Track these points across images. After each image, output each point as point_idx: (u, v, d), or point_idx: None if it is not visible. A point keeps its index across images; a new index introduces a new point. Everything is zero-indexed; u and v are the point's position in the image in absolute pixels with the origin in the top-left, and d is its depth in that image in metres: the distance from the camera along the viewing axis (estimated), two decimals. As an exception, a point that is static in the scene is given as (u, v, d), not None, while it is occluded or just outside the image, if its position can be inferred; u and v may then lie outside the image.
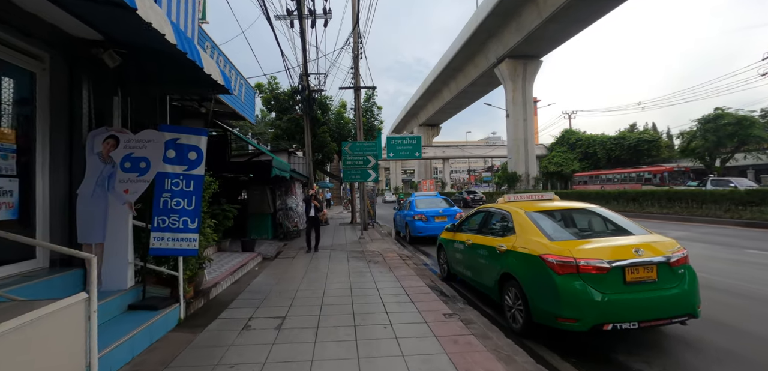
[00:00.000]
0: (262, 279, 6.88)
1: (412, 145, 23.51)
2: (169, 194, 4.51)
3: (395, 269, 7.55)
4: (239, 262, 7.64)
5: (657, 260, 3.82)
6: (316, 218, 10.15)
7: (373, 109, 19.55)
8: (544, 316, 4.01)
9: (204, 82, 4.58)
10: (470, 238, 5.91)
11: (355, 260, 8.62)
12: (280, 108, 18.00)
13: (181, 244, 4.53)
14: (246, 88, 8.36)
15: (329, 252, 9.88)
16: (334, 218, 22.62)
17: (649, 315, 3.71)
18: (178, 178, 4.57)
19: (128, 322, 3.89)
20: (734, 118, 27.14)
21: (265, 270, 7.69)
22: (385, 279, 6.72)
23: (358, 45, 15.64)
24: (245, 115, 8.57)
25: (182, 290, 4.58)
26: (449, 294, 5.77)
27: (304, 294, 5.84)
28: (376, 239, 12.32)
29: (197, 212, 4.61)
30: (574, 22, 30.29)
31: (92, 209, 4.26)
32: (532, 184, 38.72)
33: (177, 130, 4.60)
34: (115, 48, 4.42)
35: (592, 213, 4.95)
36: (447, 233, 7.11)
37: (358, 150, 13.04)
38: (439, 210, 12.02)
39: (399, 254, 9.52)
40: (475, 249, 5.65)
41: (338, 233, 14.50)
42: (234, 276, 6.79)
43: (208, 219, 5.52)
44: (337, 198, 40.36)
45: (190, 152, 4.65)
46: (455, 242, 6.55)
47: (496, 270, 4.90)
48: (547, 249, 4.07)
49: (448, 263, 6.97)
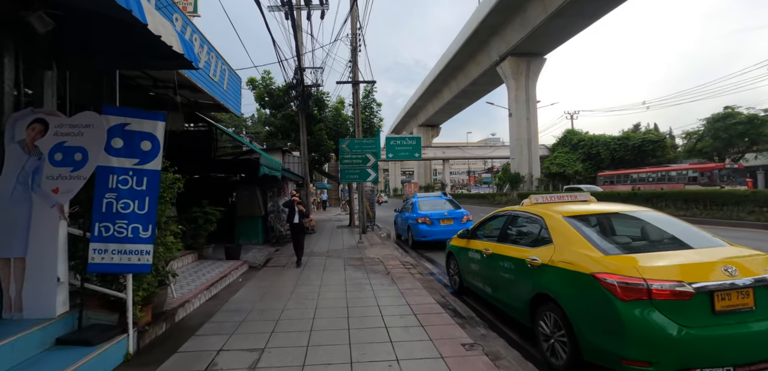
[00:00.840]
0: (243, 295, 5.89)
1: (412, 145, 22.55)
2: (114, 194, 3.54)
3: (398, 281, 6.59)
4: (220, 273, 6.66)
5: (754, 282, 2.86)
6: (301, 225, 8.38)
7: (373, 105, 18.58)
8: (599, 355, 3.05)
9: (162, 53, 3.62)
10: (489, 247, 4.95)
11: (353, 270, 7.65)
12: (274, 104, 17.01)
13: (130, 258, 3.55)
14: (229, 75, 7.40)
15: (324, 260, 8.90)
16: (331, 220, 21.65)
17: (747, 357, 2.75)
18: (127, 174, 3.60)
19: (50, 364, 2.91)
20: (745, 117, 26.32)
21: (249, 282, 6.71)
22: (388, 294, 5.75)
23: (356, 36, 14.69)
24: (229, 105, 7.60)
25: (132, 316, 3.60)
26: (465, 315, 4.80)
27: (292, 314, 4.87)
28: (375, 244, 11.35)
29: (151, 217, 3.64)
30: (580, 18, 29.38)
31: (11, 213, 3.29)
32: (535, 185, 37.78)
33: (126, 113, 3.63)
34: (46, 8, 3.46)
35: (646, 219, 4.00)
36: (459, 240, 6.15)
37: (356, 148, 12.06)
38: (445, 213, 11.06)
39: (401, 261, 8.56)
40: (496, 261, 4.69)
41: (335, 237, 13.52)
42: (211, 291, 5.81)
43: (173, 225, 4.55)
44: (335, 199, 39.38)
45: (143, 141, 3.68)
46: (469, 252, 5.59)
47: (526, 289, 3.95)
48: (602, 266, 3.11)
49: (461, 275, 6.02)
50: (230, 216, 10.79)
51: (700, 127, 31.15)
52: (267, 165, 8.52)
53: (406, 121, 77.39)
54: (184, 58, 3.61)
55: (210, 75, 6.43)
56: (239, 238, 10.64)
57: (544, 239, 3.94)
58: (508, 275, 4.36)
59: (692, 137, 31.64)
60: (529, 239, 4.28)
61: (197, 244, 8.03)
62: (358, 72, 14.95)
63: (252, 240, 10.84)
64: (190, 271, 6.80)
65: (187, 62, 3.73)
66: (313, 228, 13.47)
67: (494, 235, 5.19)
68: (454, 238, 6.50)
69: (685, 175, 26.94)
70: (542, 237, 4.00)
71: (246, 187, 11.05)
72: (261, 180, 10.89)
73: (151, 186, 3.66)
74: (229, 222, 10.88)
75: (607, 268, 3.07)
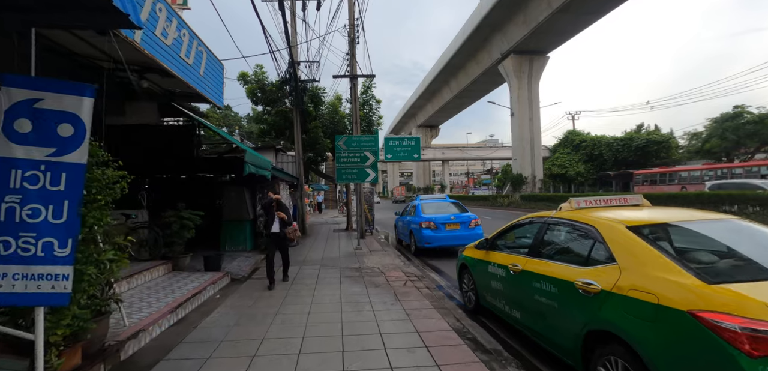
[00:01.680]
0: (217, 317, 4.90)
1: (411, 146, 21.65)
2: (18, 196, 2.56)
3: (403, 298, 5.62)
4: (193, 289, 5.67)
5: None
6: (282, 236, 6.65)
7: (372, 102, 17.58)
8: (706, 431, 2.09)
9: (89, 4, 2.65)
10: (517, 262, 3.99)
11: (350, 283, 6.67)
12: (267, 100, 16.00)
13: (40, 285, 2.57)
14: (208, 59, 6.42)
15: (318, 270, 7.92)
16: (327, 223, 20.65)
17: None
18: (38, 169, 2.62)
19: None
20: (756, 117, 25.49)
21: (227, 300, 5.72)
22: (392, 317, 4.78)
23: (354, 27, 13.73)
24: (208, 94, 6.62)
25: (42, 364, 2.61)
26: (490, 347, 3.83)
27: (272, 347, 3.89)
28: (375, 251, 10.37)
29: (73, 227, 2.66)
30: (586, 14, 28.50)
31: None
32: (538, 187, 36.89)
33: (36, 85, 2.65)
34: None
35: (740, 231, 3.04)
36: (475, 251, 5.19)
37: (354, 145, 11.08)
38: (451, 216, 10.09)
39: (404, 271, 7.59)
40: (528, 282, 3.73)
41: (331, 242, 12.54)
42: (178, 313, 4.82)
43: (119, 236, 3.56)
44: (333, 201, 38.36)
45: (62, 124, 2.69)
46: (489, 266, 4.63)
47: (576, 322, 2.99)
48: (707, 301, 2.16)
49: (477, 292, 5.06)
50: (218, 220, 9.81)
51: (704, 127, 30.34)
52: (253, 163, 7.53)
53: (405, 121, 76.48)
54: (121, 12, 2.64)
55: (181, 56, 5.45)
56: (225, 244, 9.65)
57: (602, 256, 2.98)
58: (548, 300, 3.40)
59: (696, 138, 30.79)
60: (578, 256, 3.32)
61: (173, 253, 7.04)
62: (357, 65, 14.00)
63: (239, 246, 9.84)
64: (159, 287, 5.81)
65: (125, 18, 2.75)
66: (296, 240, 10.77)
67: (523, 247, 4.24)
68: (469, 248, 5.55)
69: (757, 171, 22.13)
70: (598, 254, 3.04)
71: (233, 188, 10.06)
72: (250, 181, 9.90)
73: (72, 186, 2.68)
74: (216, 227, 9.90)
75: (717, 305, 2.11)
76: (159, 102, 7.27)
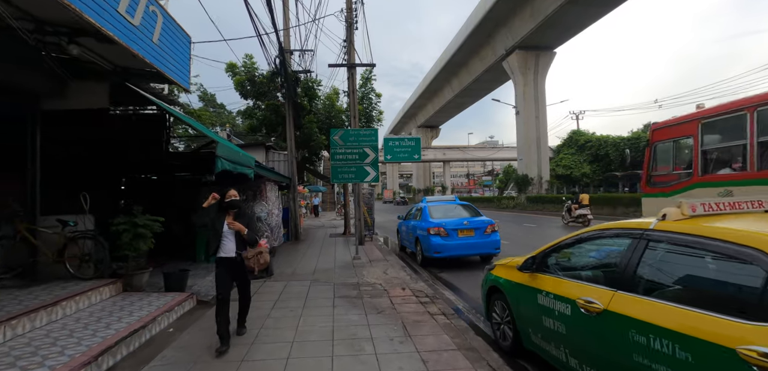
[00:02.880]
0: (160, 366, 3.53)
1: (411, 146, 20.24)
2: None
3: (414, 331, 4.26)
4: (140, 319, 4.30)
5: None
6: (238, 261, 4.22)
7: (371, 96, 16.24)
8: None
9: None
10: (593, 296, 2.64)
11: (346, 306, 5.32)
12: (257, 93, 14.62)
13: None
14: (165, 23, 5.06)
15: (308, 288, 6.55)
16: (324, 227, 19.28)
17: None
18: None
19: None
20: None
21: (183, 335, 4.35)
22: (402, 363, 3.42)
23: (352, 10, 12.39)
24: (167, 71, 5.26)
25: None
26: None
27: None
28: (376, 260, 9.02)
29: None
30: (596, 5, 27.18)
31: None
32: (545, 188, 35.54)
33: None
34: None
35: None
36: (514, 273, 3.82)
37: (351, 140, 9.70)
38: (463, 221, 8.73)
39: (412, 289, 6.24)
40: (620, 330, 2.37)
41: (327, 249, 11.18)
42: (106, 361, 3.44)
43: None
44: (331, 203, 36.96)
45: None
46: (539, 295, 3.27)
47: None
48: None
49: (517, 325, 3.71)
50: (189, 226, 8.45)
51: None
52: (227, 158, 6.15)
53: (405, 122, 75.20)
54: None
55: (119, 11, 4.09)
56: (200, 254, 8.29)
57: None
58: (668, 369, 2.05)
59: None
60: (726, 300, 1.97)
61: (127, 269, 5.68)
62: (355, 53, 12.65)
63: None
64: (96, 317, 4.43)
65: None
66: (267, 268, 6.43)
67: (597, 273, 2.90)
68: (502, 266, 4.20)
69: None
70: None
71: (211, 189, 8.66)
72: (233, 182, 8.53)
73: None
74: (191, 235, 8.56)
75: None
76: (111, 82, 5.92)
